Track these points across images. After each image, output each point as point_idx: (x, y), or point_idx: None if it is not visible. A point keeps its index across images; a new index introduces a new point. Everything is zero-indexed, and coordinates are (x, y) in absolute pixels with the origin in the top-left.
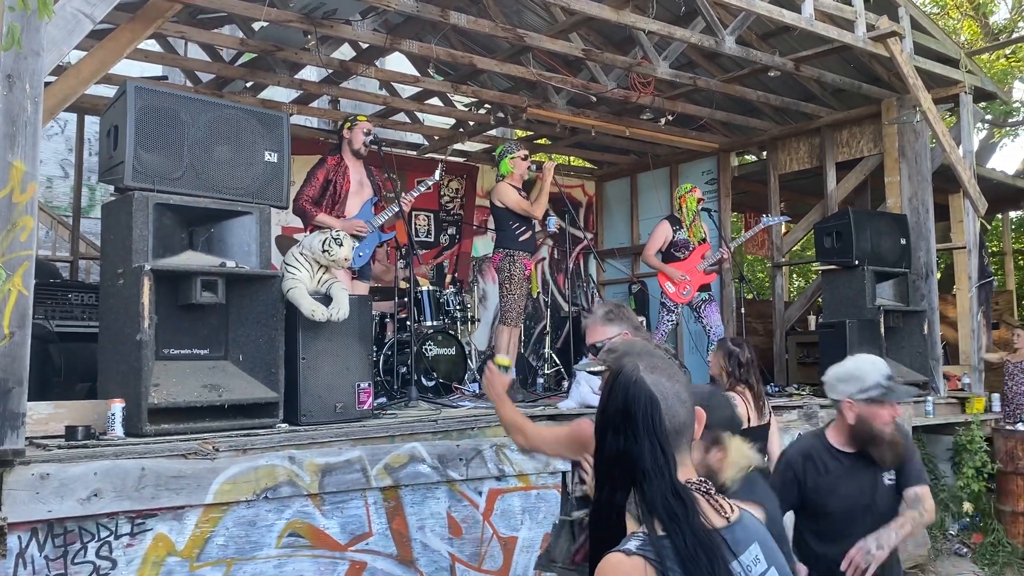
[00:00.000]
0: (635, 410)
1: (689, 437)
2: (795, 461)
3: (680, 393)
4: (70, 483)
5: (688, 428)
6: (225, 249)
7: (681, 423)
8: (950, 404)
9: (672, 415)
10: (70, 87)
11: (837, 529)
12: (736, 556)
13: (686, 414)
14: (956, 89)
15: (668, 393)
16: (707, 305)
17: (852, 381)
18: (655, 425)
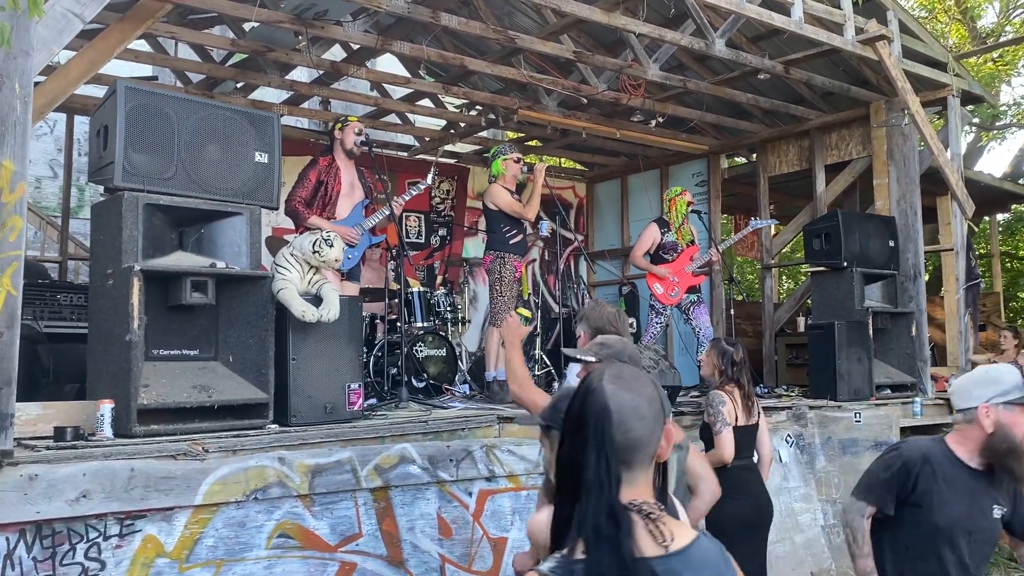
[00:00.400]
0: (588, 419)
1: (647, 455)
2: (913, 458)
3: (639, 408)
4: (59, 484)
5: (644, 445)
6: (215, 250)
7: (635, 439)
8: (938, 405)
9: (625, 430)
10: (60, 87)
11: (927, 548)
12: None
13: (643, 430)
14: (944, 92)
15: (625, 406)
16: (696, 307)
17: (990, 385)
18: (603, 438)
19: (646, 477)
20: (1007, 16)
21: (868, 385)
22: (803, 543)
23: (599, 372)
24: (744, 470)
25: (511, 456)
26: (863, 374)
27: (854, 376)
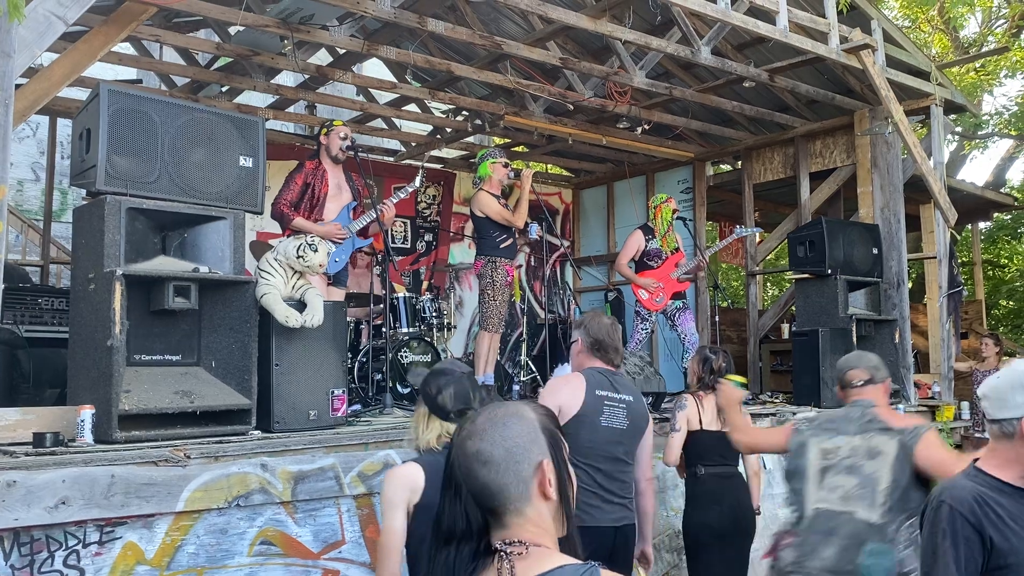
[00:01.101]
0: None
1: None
2: (972, 512)
3: (481, 453)
4: (37, 491)
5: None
6: (198, 254)
7: (482, 484)
8: (921, 412)
9: (472, 477)
10: (42, 89)
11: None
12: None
13: (491, 475)
14: (927, 101)
15: (468, 454)
16: (681, 313)
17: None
18: (456, 487)
19: (521, 519)
20: (989, 27)
21: None
22: None
23: (460, 424)
24: (717, 478)
25: None
26: None
27: None
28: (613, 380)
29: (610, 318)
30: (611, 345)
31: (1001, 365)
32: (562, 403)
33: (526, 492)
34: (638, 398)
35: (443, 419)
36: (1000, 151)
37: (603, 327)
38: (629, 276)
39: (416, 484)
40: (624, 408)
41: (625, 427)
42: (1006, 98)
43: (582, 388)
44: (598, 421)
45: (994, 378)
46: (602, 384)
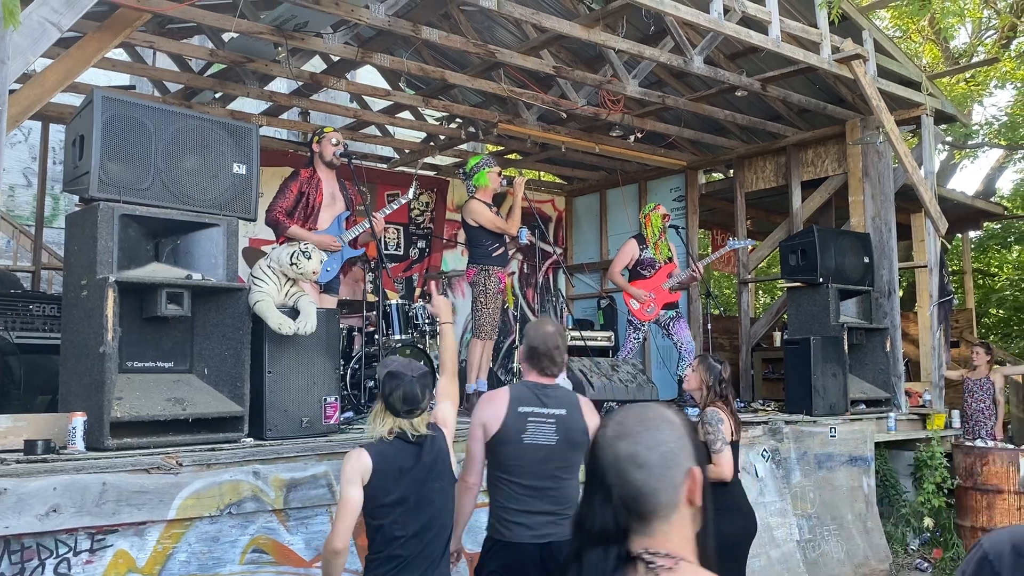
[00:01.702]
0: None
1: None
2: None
3: (637, 455)
4: (28, 498)
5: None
6: (191, 261)
7: (636, 489)
8: (911, 420)
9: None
10: (35, 95)
11: None
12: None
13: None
14: (918, 111)
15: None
16: (675, 322)
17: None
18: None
19: (664, 525)
20: (979, 37)
21: (843, 400)
22: (779, 558)
23: (607, 420)
24: (740, 486)
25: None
26: (838, 389)
27: (829, 391)
28: (542, 394)
29: (555, 325)
30: (545, 354)
31: (992, 374)
32: (485, 421)
33: (675, 498)
34: (574, 410)
35: (395, 416)
36: (990, 161)
37: (539, 335)
38: (622, 285)
39: (366, 468)
40: (553, 423)
41: (554, 442)
42: (996, 108)
43: (504, 406)
44: (520, 439)
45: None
46: (527, 399)
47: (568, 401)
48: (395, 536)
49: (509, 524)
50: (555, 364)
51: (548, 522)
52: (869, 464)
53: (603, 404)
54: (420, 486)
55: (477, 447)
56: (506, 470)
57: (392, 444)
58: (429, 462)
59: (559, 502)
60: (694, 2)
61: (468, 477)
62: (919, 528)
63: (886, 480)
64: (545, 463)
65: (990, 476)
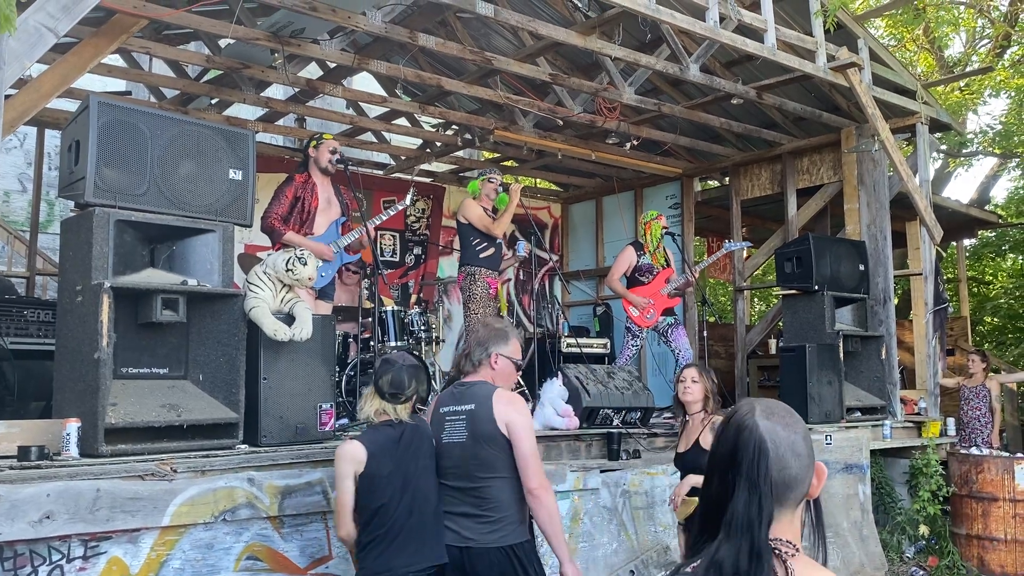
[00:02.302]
0: (742, 456)
1: (800, 494)
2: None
3: (796, 444)
4: (21, 505)
5: (800, 483)
6: (187, 267)
7: (791, 477)
8: (907, 428)
9: (782, 467)
10: (31, 101)
11: None
12: None
13: (799, 468)
14: (913, 119)
15: (782, 443)
16: (674, 329)
17: None
18: (759, 476)
19: (791, 515)
20: (973, 46)
21: (839, 407)
22: None
23: (750, 406)
24: None
25: None
26: (834, 396)
27: (825, 398)
28: (459, 392)
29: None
30: (464, 352)
31: (988, 382)
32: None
33: (807, 491)
34: (483, 403)
35: (381, 398)
36: (984, 169)
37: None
38: (620, 292)
39: (359, 458)
40: (463, 419)
41: (464, 439)
42: (990, 117)
43: (431, 410)
44: (441, 439)
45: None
46: (447, 400)
47: (479, 395)
48: (389, 513)
49: (446, 530)
50: (468, 358)
51: (468, 525)
52: (865, 472)
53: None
54: (407, 464)
55: None
56: (440, 474)
57: (379, 428)
58: (414, 444)
59: (479, 504)
60: (690, 10)
61: None
62: (915, 536)
63: (882, 488)
64: (461, 461)
65: (985, 484)
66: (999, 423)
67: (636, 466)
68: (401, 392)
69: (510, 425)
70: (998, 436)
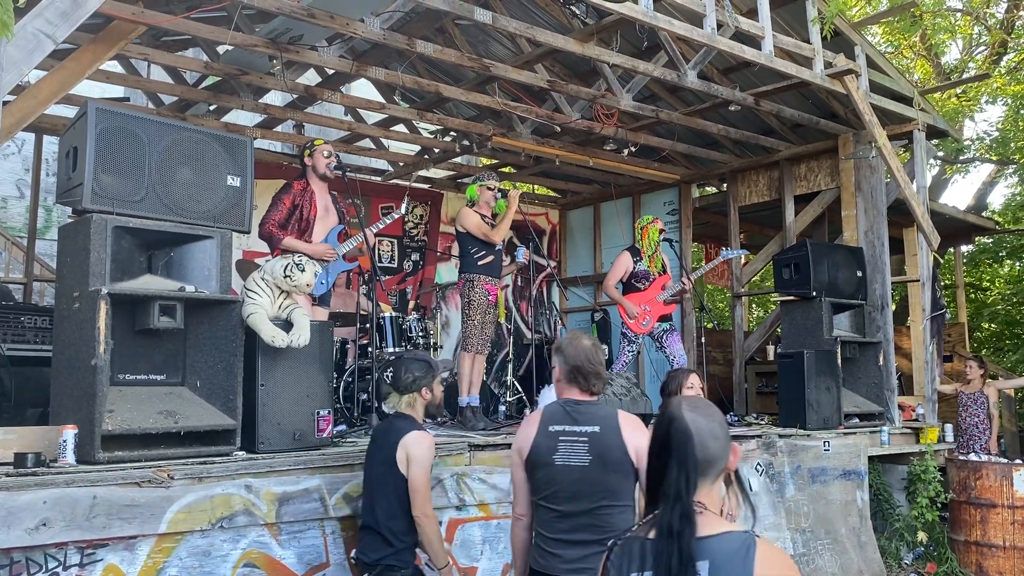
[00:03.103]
0: (672, 441)
1: (719, 469)
2: None
3: (714, 430)
4: (18, 512)
5: (718, 460)
6: (184, 273)
7: (711, 455)
8: (905, 434)
9: (703, 448)
10: (29, 107)
11: None
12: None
13: (717, 448)
14: (910, 126)
15: (703, 429)
16: (669, 335)
17: None
18: (685, 456)
19: (711, 486)
20: (970, 53)
21: (837, 414)
22: None
23: (679, 402)
24: None
25: (482, 484)
26: (832, 403)
27: (823, 405)
28: (575, 411)
29: (591, 339)
30: (591, 371)
31: (986, 388)
32: (519, 445)
33: (725, 465)
34: (609, 427)
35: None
36: (981, 175)
37: (582, 351)
38: (616, 298)
39: None
40: (585, 441)
41: (587, 463)
42: (987, 124)
43: (535, 427)
44: (552, 460)
45: None
46: (560, 418)
47: (603, 417)
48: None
49: (544, 553)
50: (600, 379)
51: (584, 555)
52: (863, 478)
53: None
54: (370, 459)
55: (518, 474)
56: (542, 495)
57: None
58: (381, 439)
59: (598, 531)
60: (688, 17)
61: (516, 507)
62: (913, 542)
63: (880, 494)
64: (579, 485)
65: (983, 490)
66: (997, 429)
67: None
68: (397, 381)
69: (639, 451)
70: (996, 442)
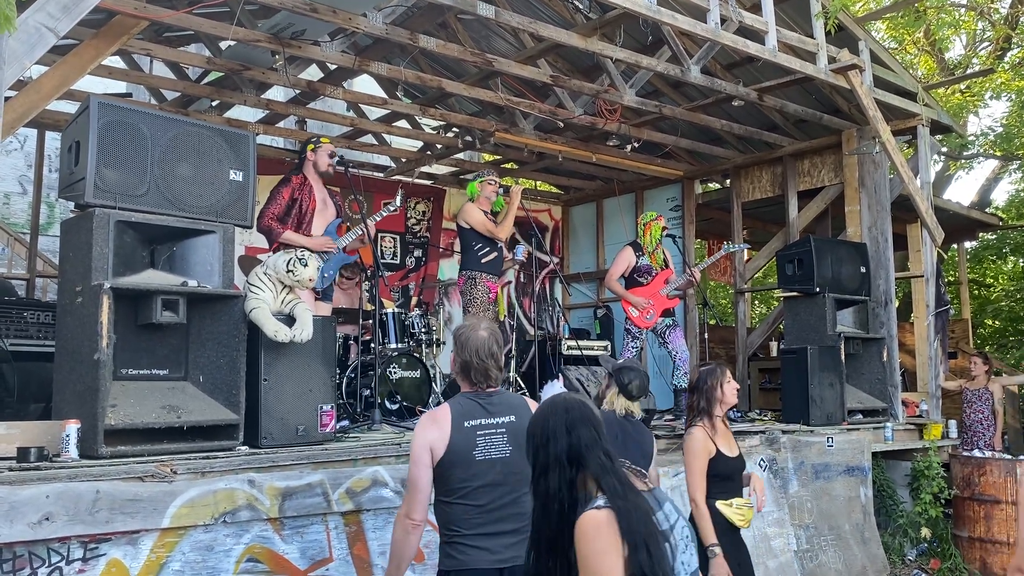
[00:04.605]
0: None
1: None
2: None
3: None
4: (20, 506)
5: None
6: (187, 268)
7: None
8: (908, 430)
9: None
10: (31, 102)
11: None
12: (661, 507)
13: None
14: (914, 122)
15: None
16: (672, 331)
17: None
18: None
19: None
20: (974, 49)
21: (840, 410)
22: (776, 568)
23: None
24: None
25: None
26: (835, 399)
27: (826, 401)
28: (488, 403)
29: (489, 329)
30: (478, 367)
31: (990, 384)
32: (432, 443)
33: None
34: (523, 414)
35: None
36: (985, 171)
37: (472, 345)
38: (619, 292)
39: None
40: (503, 432)
41: (508, 454)
42: (991, 119)
43: (447, 424)
44: (472, 457)
45: None
46: (473, 412)
47: (516, 405)
48: None
49: (466, 549)
50: (496, 371)
51: (510, 544)
52: (866, 474)
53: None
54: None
55: (424, 475)
56: (457, 493)
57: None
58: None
59: (520, 520)
60: (691, 12)
61: (414, 513)
62: (916, 538)
63: (883, 490)
64: (500, 477)
65: (988, 486)
66: (1001, 425)
67: None
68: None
69: None
70: (1000, 438)
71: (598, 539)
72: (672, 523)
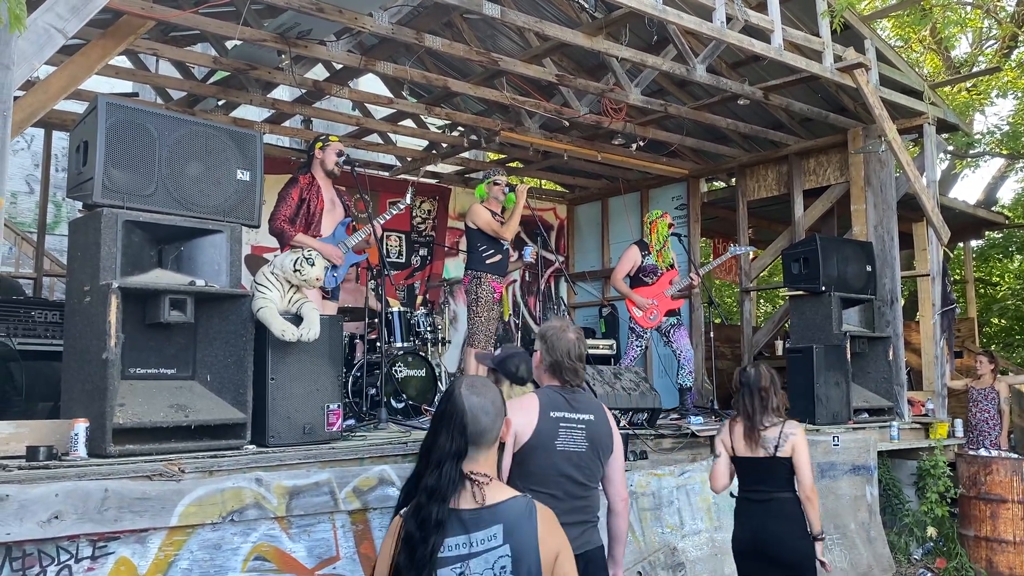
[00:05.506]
0: (448, 414)
1: (491, 439)
2: None
3: (485, 406)
4: (30, 505)
5: (488, 431)
6: (195, 267)
7: (482, 428)
8: (914, 429)
9: (475, 421)
10: (39, 102)
11: None
12: (468, 532)
13: (487, 422)
14: (920, 120)
15: (475, 405)
16: (676, 330)
17: None
18: (456, 427)
19: (487, 454)
20: (980, 47)
21: (846, 409)
22: None
23: (460, 381)
24: (743, 500)
25: None
26: (841, 398)
27: (832, 400)
28: (571, 399)
29: (575, 332)
30: (569, 367)
31: (996, 383)
32: (517, 429)
33: (497, 435)
34: (600, 417)
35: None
36: (991, 170)
37: (562, 347)
38: (624, 292)
39: None
40: (583, 429)
41: (583, 449)
42: (997, 117)
43: (535, 412)
44: (553, 445)
45: None
46: (558, 405)
47: (595, 406)
48: None
49: None
50: (578, 376)
51: (582, 532)
52: (872, 473)
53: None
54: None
55: (506, 457)
56: (536, 480)
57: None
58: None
59: (587, 513)
60: (697, 11)
61: None
62: (922, 537)
63: (889, 489)
64: (575, 470)
65: (994, 485)
66: (1007, 425)
67: (643, 467)
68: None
69: (616, 439)
70: (1006, 438)
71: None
72: (475, 551)
